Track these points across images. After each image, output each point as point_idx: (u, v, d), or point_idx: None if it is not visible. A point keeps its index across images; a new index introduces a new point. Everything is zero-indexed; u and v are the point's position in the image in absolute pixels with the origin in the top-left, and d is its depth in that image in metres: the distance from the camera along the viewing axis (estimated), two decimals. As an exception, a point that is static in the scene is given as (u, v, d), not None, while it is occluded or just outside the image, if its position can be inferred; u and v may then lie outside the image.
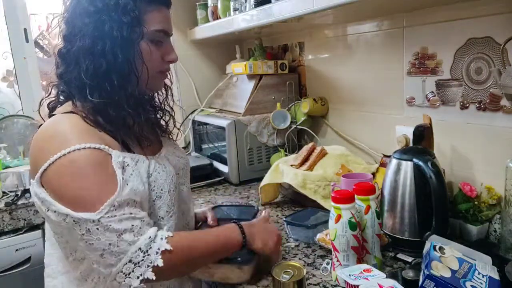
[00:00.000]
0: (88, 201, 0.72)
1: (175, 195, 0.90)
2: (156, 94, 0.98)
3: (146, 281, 0.72)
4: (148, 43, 0.83)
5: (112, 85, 0.79)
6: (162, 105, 1.00)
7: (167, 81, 0.97)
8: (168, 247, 0.73)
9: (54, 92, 0.89)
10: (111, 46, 0.78)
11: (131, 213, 0.74)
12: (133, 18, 0.79)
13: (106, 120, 0.81)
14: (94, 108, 0.80)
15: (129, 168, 0.79)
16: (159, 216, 0.86)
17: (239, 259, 0.90)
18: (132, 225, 0.73)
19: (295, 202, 1.41)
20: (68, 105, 0.84)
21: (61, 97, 0.87)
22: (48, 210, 0.74)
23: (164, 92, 0.98)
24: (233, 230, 0.88)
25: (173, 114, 1.03)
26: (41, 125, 0.82)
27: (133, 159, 0.82)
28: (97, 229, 0.71)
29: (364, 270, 0.78)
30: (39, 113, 0.89)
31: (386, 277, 0.75)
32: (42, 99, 0.90)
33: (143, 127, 0.87)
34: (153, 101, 0.99)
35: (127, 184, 0.76)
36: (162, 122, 1.02)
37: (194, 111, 2.00)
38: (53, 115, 0.83)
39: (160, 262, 0.72)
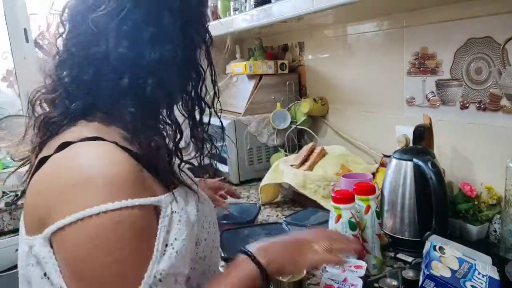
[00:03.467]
0: (125, 284, 0.50)
1: (216, 228, 0.74)
2: None
3: None
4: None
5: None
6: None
7: None
8: None
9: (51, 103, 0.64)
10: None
11: None
12: (206, 37, 0.72)
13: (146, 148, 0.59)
14: (134, 129, 0.59)
15: (176, 215, 0.59)
16: (205, 257, 0.68)
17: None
18: None
19: (295, 202, 1.41)
20: (85, 125, 0.59)
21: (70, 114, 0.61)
22: (42, 278, 0.53)
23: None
24: (248, 268, 0.63)
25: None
26: (44, 158, 0.56)
27: (182, 196, 0.63)
28: None
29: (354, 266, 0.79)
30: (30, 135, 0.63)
31: (366, 276, 0.77)
32: (39, 115, 0.62)
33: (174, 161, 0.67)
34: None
35: (172, 247, 0.56)
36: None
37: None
38: (68, 142, 0.55)
39: None
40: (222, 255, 0.94)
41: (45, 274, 0.52)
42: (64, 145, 0.55)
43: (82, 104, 0.59)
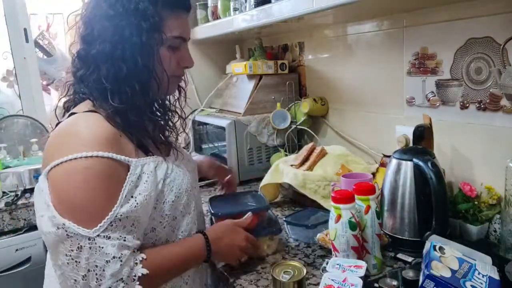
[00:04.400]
0: (88, 215, 0.71)
1: (192, 194, 0.91)
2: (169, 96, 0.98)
3: None
4: (167, 49, 0.84)
5: (133, 90, 0.79)
6: (173, 106, 0.98)
7: (182, 83, 0.98)
8: (145, 271, 0.74)
9: (69, 91, 0.88)
10: (131, 52, 0.78)
11: (125, 239, 0.72)
12: (152, 23, 0.79)
13: (126, 124, 0.80)
14: (114, 111, 0.79)
15: (144, 175, 0.78)
16: (176, 217, 0.86)
17: (269, 230, 1.03)
18: (121, 254, 0.71)
19: (295, 202, 1.41)
20: (88, 104, 0.82)
21: (77, 98, 0.86)
22: (43, 205, 0.73)
23: (177, 94, 0.98)
24: (200, 248, 0.87)
25: (183, 116, 1.01)
26: (59, 122, 0.82)
27: (153, 162, 0.82)
28: (90, 248, 0.70)
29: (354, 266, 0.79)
30: (55, 112, 0.89)
31: (366, 276, 0.76)
32: (60, 98, 0.90)
33: (163, 131, 0.89)
34: (164, 103, 0.98)
35: (135, 199, 0.75)
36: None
37: (194, 111, 2.00)
38: (73, 113, 0.81)
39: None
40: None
41: (45, 203, 0.73)
42: (71, 115, 0.80)
43: (86, 94, 0.83)
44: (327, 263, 0.82)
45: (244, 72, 1.70)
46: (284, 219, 1.18)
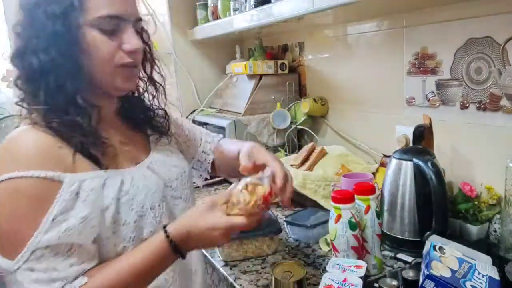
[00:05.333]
0: (11, 245, 0.62)
1: (161, 211, 0.77)
2: (146, 93, 0.86)
3: None
4: (97, 32, 0.68)
5: (49, 87, 0.68)
6: (152, 105, 0.88)
7: (158, 77, 0.86)
8: None
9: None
10: (45, 42, 0.67)
11: (55, 268, 0.62)
12: (70, 5, 0.66)
13: (63, 130, 0.68)
14: (43, 117, 0.68)
15: (83, 194, 0.65)
16: (144, 238, 0.73)
17: (269, 230, 1.02)
18: None
19: (295, 202, 1.41)
20: (29, 116, 0.71)
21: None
22: None
23: (153, 90, 0.86)
24: (162, 250, 0.68)
25: (165, 115, 0.90)
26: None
27: (98, 178, 0.68)
28: (13, 283, 0.62)
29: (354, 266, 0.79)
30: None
31: (366, 276, 0.76)
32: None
33: (96, 133, 0.71)
34: (140, 101, 0.87)
35: (67, 223, 0.63)
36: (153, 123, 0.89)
37: (194, 111, 2.00)
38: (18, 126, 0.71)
39: None
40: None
41: None
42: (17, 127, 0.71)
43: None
44: (327, 263, 0.82)
45: (244, 72, 1.70)
46: (284, 219, 1.18)
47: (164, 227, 0.69)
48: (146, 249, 0.69)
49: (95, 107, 0.73)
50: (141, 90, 0.87)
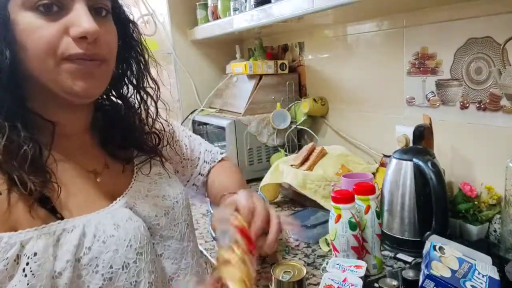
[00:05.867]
0: None
1: (139, 269, 0.58)
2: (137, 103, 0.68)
3: None
4: (33, 15, 0.51)
5: None
6: (141, 119, 0.69)
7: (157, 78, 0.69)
8: None
9: None
10: None
11: None
12: None
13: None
14: None
15: (24, 259, 0.49)
16: None
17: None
18: None
19: (295, 202, 1.41)
20: None
21: None
22: None
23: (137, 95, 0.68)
24: None
25: (160, 135, 0.72)
26: None
27: (45, 236, 0.51)
28: None
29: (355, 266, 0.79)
30: None
31: (366, 276, 0.76)
32: None
33: (44, 163, 0.53)
34: (121, 113, 0.68)
35: None
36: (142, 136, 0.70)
37: (194, 111, 2.00)
38: None
39: None
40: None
41: None
42: None
43: None
44: (327, 263, 0.82)
45: (244, 72, 1.70)
46: (284, 219, 1.18)
47: None
48: None
49: (49, 124, 0.56)
50: (131, 100, 0.69)
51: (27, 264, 0.49)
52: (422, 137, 1.07)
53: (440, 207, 0.94)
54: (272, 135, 1.69)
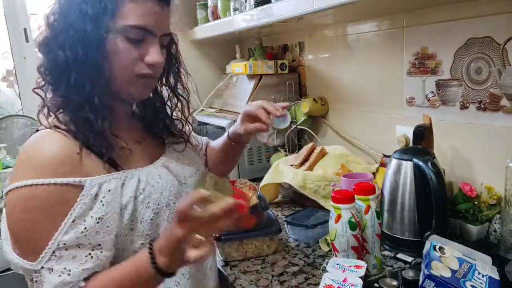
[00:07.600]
0: (32, 247, 0.65)
1: (176, 208, 0.71)
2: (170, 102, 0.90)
3: None
4: (123, 40, 0.71)
5: (69, 83, 0.71)
6: (172, 115, 0.91)
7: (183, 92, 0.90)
8: None
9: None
10: (73, 40, 0.69)
11: (69, 273, 0.65)
12: (103, 8, 0.69)
13: (82, 132, 0.71)
14: (61, 110, 0.73)
15: (100, 195, 0.69)
16: (160, 235, 0.75)
17: (269, 230, 1.03)
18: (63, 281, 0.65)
19: (295, 202, 1.41)
20: (52, 116, 0.75)
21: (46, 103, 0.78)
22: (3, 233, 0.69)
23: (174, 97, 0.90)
24: (146, 268, 0.65)
25: (189, 127, 0.94)
26: (37, 130, 0.75)
27: (116, 180, 0.72)
28: (36, 282, 0.66)
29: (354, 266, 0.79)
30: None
31: (366, 276, 0.76)
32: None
33: (110, 131, 0.74)
34: (157, 107, 0.90)
35: (84, 223, 0.66)
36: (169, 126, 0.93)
37: (194, 111, 2.00)
38: (38, 129, 0.75)
39: None
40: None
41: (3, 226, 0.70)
42: (37, 131, 0.75)
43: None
44: (327, 263, 0.82)
45: (244, 72, 1.70)
46: (284, 219, 1.18)
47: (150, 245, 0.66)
48: (132, 262, 0.68)
49: (109, 108, 0.75)
50: (164, 99, 0.90)
51: (104, 197, 0.69)
52: (422, 137, 1.07)
53: (440, 207, 0.94)
54: (272, 135, 1.69)
